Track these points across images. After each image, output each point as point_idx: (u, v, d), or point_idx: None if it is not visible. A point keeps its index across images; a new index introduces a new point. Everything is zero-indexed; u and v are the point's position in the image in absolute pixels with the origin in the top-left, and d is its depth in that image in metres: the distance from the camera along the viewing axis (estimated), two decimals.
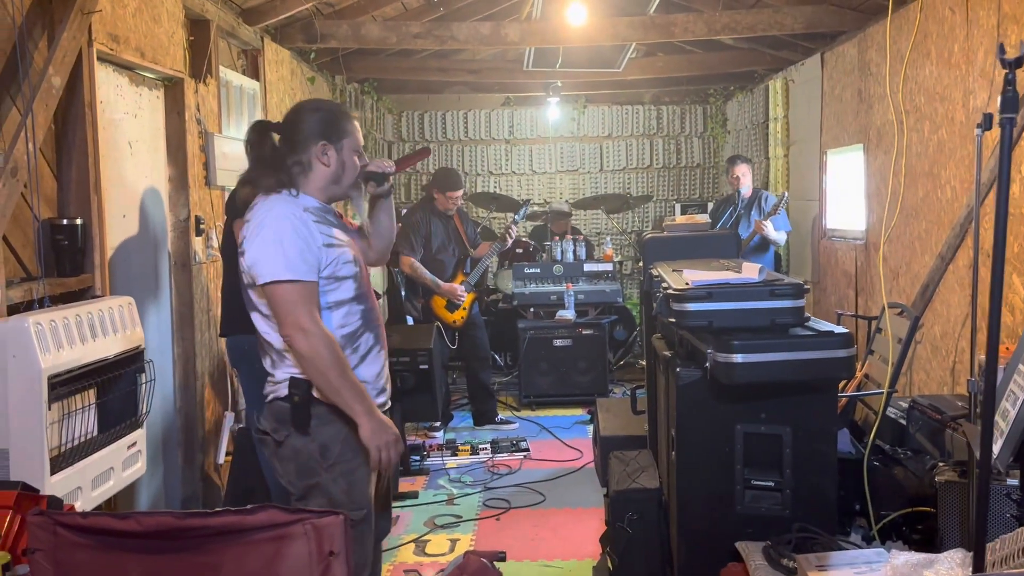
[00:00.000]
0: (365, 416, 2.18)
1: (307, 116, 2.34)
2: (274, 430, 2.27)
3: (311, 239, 2.20)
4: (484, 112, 8.52)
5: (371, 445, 2.19)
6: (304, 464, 2.24)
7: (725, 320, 2.58)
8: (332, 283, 2.25)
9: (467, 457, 5.03)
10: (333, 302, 2.26)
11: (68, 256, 2.92)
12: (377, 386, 2.34)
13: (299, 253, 2.17)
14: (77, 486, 2.61)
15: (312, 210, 2.27)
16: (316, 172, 2.31)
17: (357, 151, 2.35)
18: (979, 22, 3.74)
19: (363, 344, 2.31)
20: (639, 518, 2.99)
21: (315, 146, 2.29)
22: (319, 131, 2.30)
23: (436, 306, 5.49)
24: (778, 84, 6.69)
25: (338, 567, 1.44)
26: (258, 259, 2.18)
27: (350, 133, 2.34)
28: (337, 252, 2.26)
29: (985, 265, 3.58)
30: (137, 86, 3.65)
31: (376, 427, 2.19)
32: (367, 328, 2.33)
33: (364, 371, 2.31)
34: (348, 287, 2.28)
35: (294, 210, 2.22)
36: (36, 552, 1.56)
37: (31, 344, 2.41)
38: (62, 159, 3.02)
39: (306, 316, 2.16)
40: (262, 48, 4.85)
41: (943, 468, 2.75)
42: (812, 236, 6.12)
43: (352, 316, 2.29)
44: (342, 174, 2.33)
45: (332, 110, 2.39)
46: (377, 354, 2.35)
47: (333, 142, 2.30)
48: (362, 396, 2.20)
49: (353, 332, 2.29)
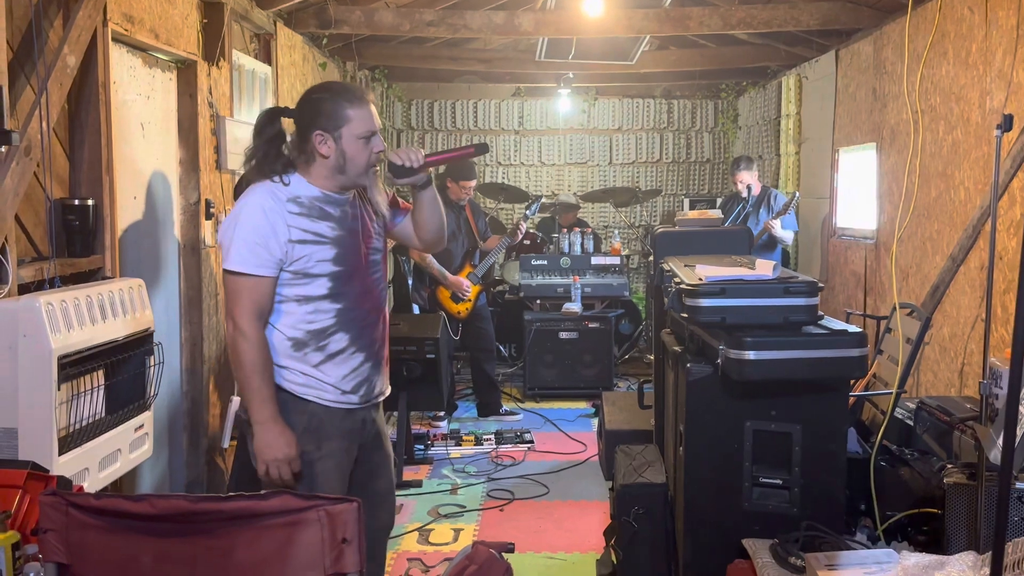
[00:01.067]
0: (259, 425, 2.16)
1: (307, 102, 2.26)
2: (246, 412, 2.24)
3: (274, 234, 2.14)
4: (494, 102, 8.49)
5: (259, 457, 2.17)
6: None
7: (738, 316, 2.56)
8: (301, 278, 2.20)
9: (471, 447, 5.03)
10: (301, 296, 2.21)
11: (79, 237, 2.92)
12: (343, 386, 2.27)
13: (250, 247, 2.13)
14: (85, 467, 2.61)
15: (303, 200, 2.20)
16: (317, 162, 2.23)
17: (363, 137, 2.22)
18: (998, 22, 3.71)
19: (333, 344, 2.24)
20: (645, 512, 2.98)
21: (312, 135, 2.21)
22: (315, 120, 2.21)
23: (441, 296, 5.49)
24: (791, 81, 6.65)
25: (351, 554, 1.44)
26: (222, 245, 2.20)
27: (351, 119, 2.20)
28: (311, 249, 2.19)
29: (998, 267, 3.57)
30: (150, 67, 3.64)
31: (267, 441, 2.15)
32: (341, 328, 2.25)
33: (329, 370, 2.25)
34: (321, 284, 2.22)
35: (266, 201, 2.16)
36: (47, 532, 1.56)
37: (42, 324, 2.41)
38: (75, 139, 3.01)
39: (241, 310, 2.15)
40: (275, 32, 4.84)
41: (951, 470, 2.74)
42: (822, 235, 6.10)
43: (322, 314, 2.23)
44: (344, 164, 2.22)
45: (332, 95, 2.24)
46: (350, 356, 2.27)
47: (330, 131, 2.20)
48: (265, 404, 2.16)
49: (322, 330, 2.23)
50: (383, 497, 2.47)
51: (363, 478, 2.40)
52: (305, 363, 2.24)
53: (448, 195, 5.48)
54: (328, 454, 2.24)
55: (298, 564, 1.46)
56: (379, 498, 2.45)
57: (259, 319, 2.18)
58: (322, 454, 2.24)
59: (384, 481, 2.47)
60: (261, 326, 2.19)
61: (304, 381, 2.24)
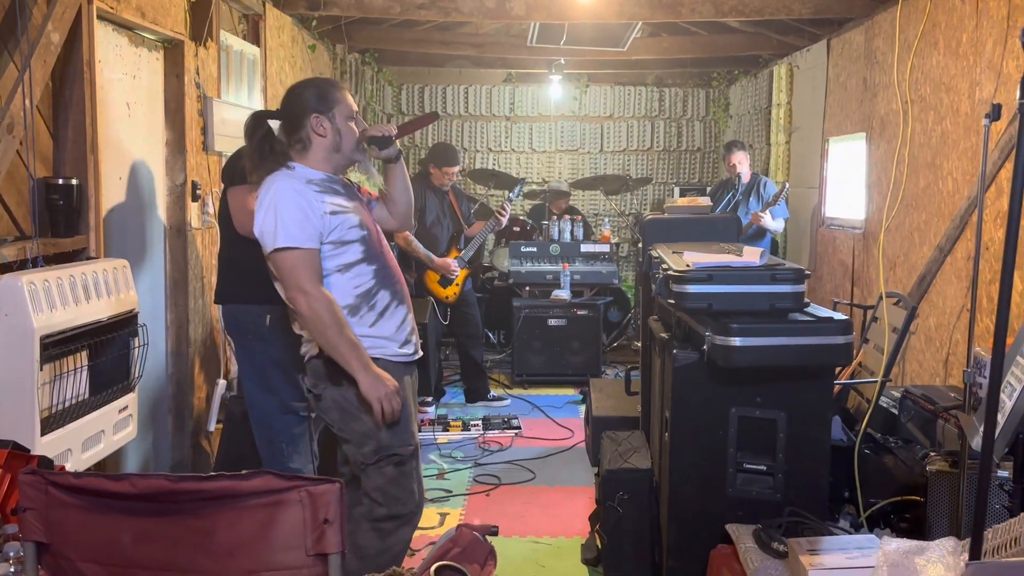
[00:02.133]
0: (361, 372, 2.33)
1: (296, 95, 2.49)
2: (313, 385, 2.46)
3: (311, 208, 2.35)
4: (485, 88, 8.46)
5: (371, 398, 2.33)
6: (346, 411, 2.42)
7: (725, 303, 2.57)
8: (339, 247, 2.39)
9: (458, 433, 5.03)
10: (343, 264, 2.40)
11: (63, 216, 2.89)
12: (398, 339, 2.49)
13: (296, 222, 2.32)
14: (67, 448, 2.60)
15: (316, 182, 2.42)
16: (315, 145, 2.45)
17: (351, 117, 2.48)
18: (989, 13, 3.71)
19: (380, 301, 2.45)
20: (630, 498, 3.00)
21: (309, 120, 2.43)
22: (309, 105, 2.44)
23: (429, 281, 5.47)
24: (783, 70, 6.65)
25: (332, 535, 1.44)
26: (262, 231, 2.35)
27: (340, 101, 2.46)
28: (341, 218, 2.40)
29: (984, 258, 3.58)
30: (137, 47, 3.60)
31: (372, 380, 2.33)
32: (382, 286, 2.46)
33: (384, 326, 2.46)
34: (355, 250, 2.42)
35: (292, 183, 2.37)
36: (27, 511, 1.55)
37: (24, 303, 2.38)
38: (59, 117, 2.98)
39: (306, 279, 2.32)
40: (263, 13, 4.79)
41: (934, 458, 2.76)
42: (811, 224, 6.11)
43: (364, 276, 2.43)
44: (340, 141, 2.46)
45: (318, 83, 2.53)
46: (395, 309, 2.48)
47: (324, 112, 2.44)
48: (358, 353, 2.34)
49: (368, 291, 2.43)
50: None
51: None
52: (363, 325, 2.42)
53: (431, 181, 5.45)
54: (403, 402, 2.44)
55: (280, 544, 1.46)
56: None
57: (321, 283, 2.36)
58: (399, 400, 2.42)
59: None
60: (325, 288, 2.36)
61: (368, 344, 2.41)
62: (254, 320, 3.10)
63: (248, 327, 3.13)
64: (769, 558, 2.32)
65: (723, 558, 2.51)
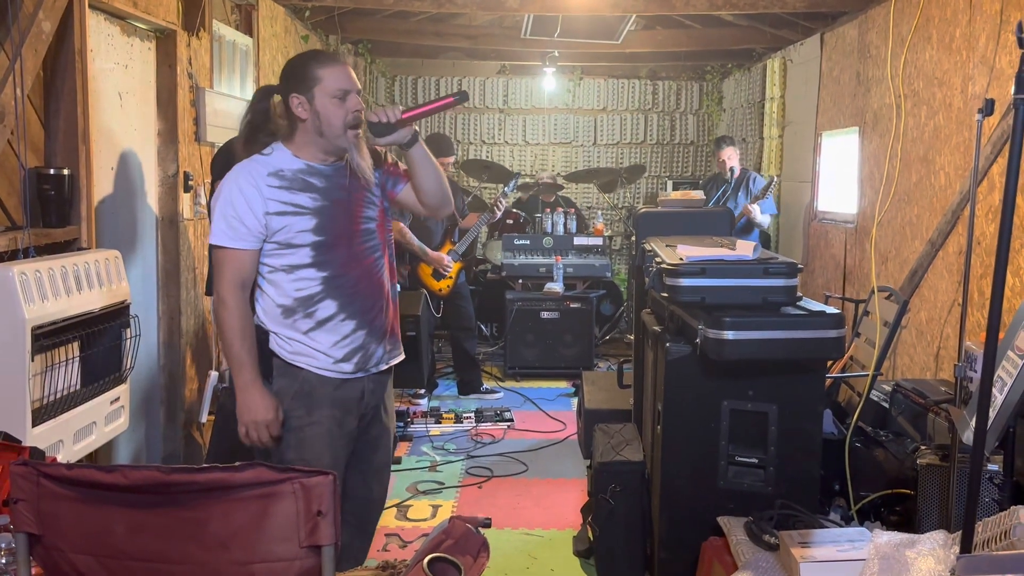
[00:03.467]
0: (241, 390, 2.22)
1: (284, 72, 2.30)
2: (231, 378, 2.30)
3: (250, 207, 2.19)
4: (479, 80, 8.43)
5: (239, 419, 2.24)
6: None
7: (717, 296, 2.58)
8: (284, 248, 2.25)
9: (451, 425, 5.03)
10: (287, 265, 2.26)
11: (54, 206, 2.87)
12: (334, 354, 2.29)
13: (228, 222, 2.20)
14: (59, 439, 2.59)
15: (284, 173, 2.22)
16: (299, 128, 2.25)
17: (336, 96, 2.20)
18: (982, 8, 3.72)
19: (321, 310, 2.26)
20: (622, 490, 3.01)
21: (290, 100, 2.23)
22: (288, 84, 2.25)
23: (423, 274, 5.47)
24: (776, 64, 6.65)
25: (325, 527, 1.44)
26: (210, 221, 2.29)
27: (322, 78, 2.20)
28: (288, 220, 2.22)
29: (975, 252, 3.60)
30: (129, 36, 3.58)
31: (246, 404, 2.22)
32: (328, 295, 2.27)
33: (320, 337, 2.28)
34: (303, 254, 2.24)
35: (244, 176, 2.21)
36: (18, 502, 1.54)
37: (15, 294, 2.37)
38: (50, 107, 2.96)
39: (222, 281, 2.22)
40: (256, 3, 4.76)
41: (924, 451, 2.77)
42: (803, 218, 6.13)
43: (308, 281, 2.26)
44: (320, 124, 2.21)
45: (303, 59, 2.28)
46: (340, 323, 2.28)
47: (303, 92, 2.21)
48: (244, 369, 2.22)
49: (308, 297, 2.26)
50: (378, 470, 2.50)
51: (361, 449, 2.43)
52: (295, 330, 2.28)
53: None
54: (317, 421, 2.27)
55: (272, 536, 1.46)
56: (374, 471, 2.48)
57: (241, 289, 2.24)
58: (311, 420, 2.26)
59: (381, 455, 2.50)
60: (242, 295, 2.24)
61: (295, 348, 2.28)
62: None
63: None
64: (760, 550, 2.34)
65: (714, 550, 2.52)
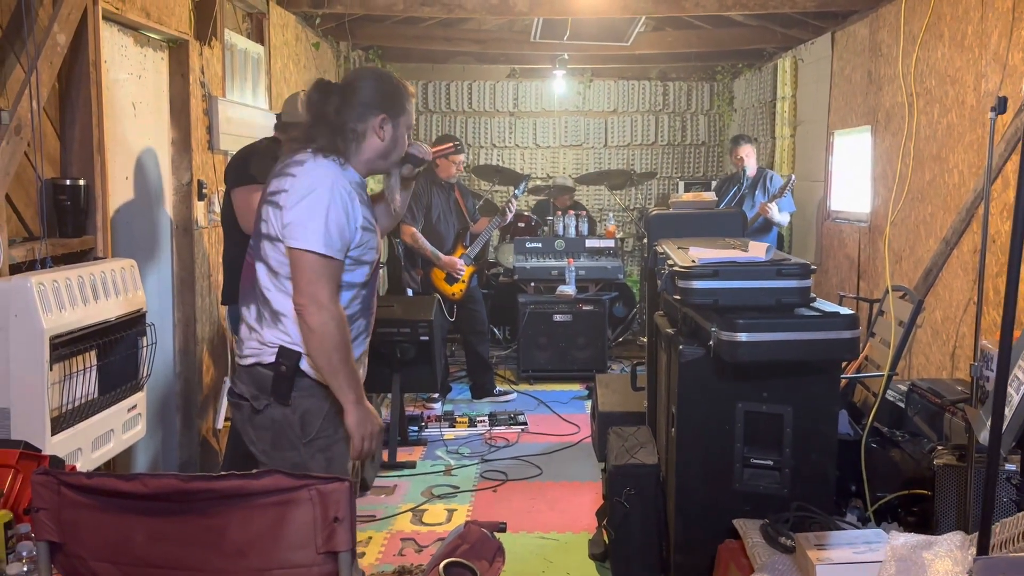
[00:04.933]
0: (354, 404, 2.17)
1: (371, 84, 2.26)
2: (254, 396, 2.21)
3: (351, 218, 2.16)
4: (489, 83, 8.45)
5: (355, 433, 2.18)
6: (281, 435, 2.20)
7: (730, 298, 2.57)
8: (352, 265, 2.22)
9: (465, 429, 5.04)
10: (346, 283, 2.22)
11: (71, 217, 2.90)
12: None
13: (339, 231, 2.13)
14: (77, 447, 2.62)
15: (356, 185, 2.23)
16: (368, 144, 2.24)
17: (410, 129, 2.32)
18: (994, 5, 3.70)
19: (355, 329, 2.28)
20: (637, 493, 3.00)
21: (374, 118, 2.22)
22: (380, 102, 2.23)
23: (435, 278, 5.48)
24: (787, 63, 6.63)
25: (342, 533, 1.45)
26: (298, 221, 2.11)
27: (408, 111, 2.29)
28: (368, 236, 2.23)
29: (990, 250, 3.57)
30: (142, 47, 3.61)
31: (363, 416, 2.18)
32: (362, 315, 2.31)
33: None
34: (363, 272, 2.26)
35: (344, 183, 2.17)
36: (40, 511, 1.56)
37: (33, 304, 2.40)
38: (66, 119, 2.99)
39: (326, 292, 2.12)
40: (267, 12, 4.80)
41: (941, 451, 2.76)
42: (816, 218, 6.10)
43: (356, 301, 2.27)
44: (392, 150, 2.28)
45: (395, 83, 2.31)
46: (363, 340, 2.34)
47: (393, 116, 2.24)
48: (356, 383, 2.19)
49: (351, 316, 2.26)
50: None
51: None
52: None
53: (437, 175, 5.45)
54: (342, 437, 2.28)
55: (290, 543, 1.47)
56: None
57: (339, 298, 2.19)
58: (338, 437, 2.28)
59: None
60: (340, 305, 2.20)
61: None
62: None
63: None
64: (776, 553, 2.33)
65: (730, 553, 2.52)
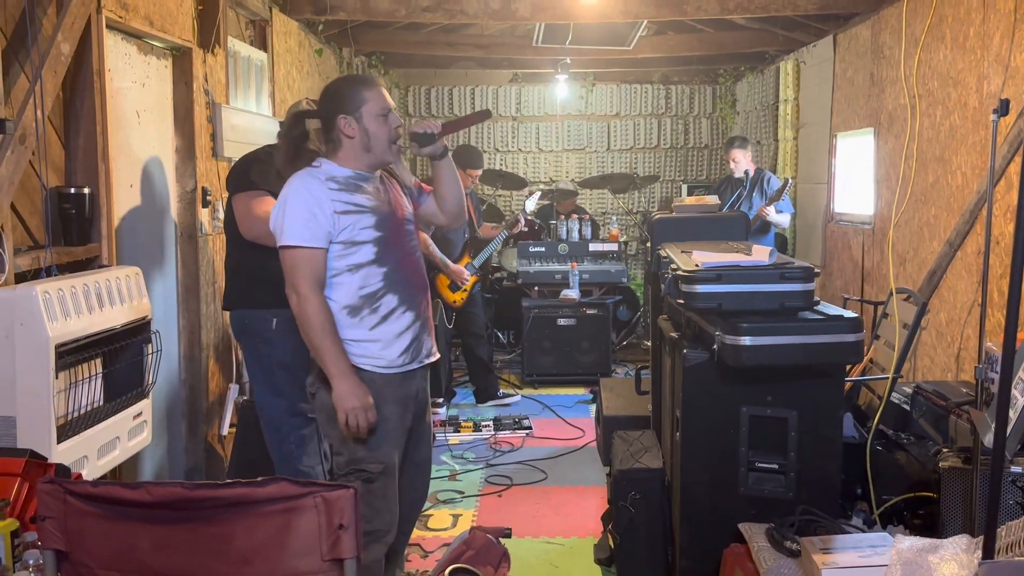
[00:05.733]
0: (337, 378, 2.32)
1: (326, 95, 2.49)
2: (311, 384, 2.46)
3: (319, 207, 2.35)
4: (491, 88, 8.47)
5: (340, 407, 2.32)
6: (332, 415, 2.38)
7: (734, 302, 2.57)
8: (350, 247, 2.39)
9: (469, 434, 5.04)
10: (353, 264, 2.40)
11: (75, 225, 2.91)
12: (397, 346, 2.45)
13: (303, 221, 2.34)
14: (83, 455, 2.62)
15: (339, 179, 2.42)
16: (345, 145, 2.44)
17: (381, 115, 2.44)
18: (996, 6, 3.69)
19: (384, 305, 2.43)
20: (642, 497, 3.00)
21: (337, 120, 2.43)
22: (336, 106, 2.44)
23: (440, 285, 5.49)
24: (789, 65, 6.63)
25: (347, 540, 1.45)
26: (274, 227, 2.39)
27: (368, 100, 2.43)
28: (353, 218, 2.39)
29: (994, 252, 3.57)
30: (145, 55, 3.62)
31: (345, 391, 2.32)
32: (390, 290, 2.44)
33: (383, 330, 2.43)
34: (367, 251, 2.40)
35: (308, 180, 2.39)
36: (46, 520, 1.56)
37: (39, 312, 2.41)
38: (70, 127, 3.00)
39: (300, 278, 2.33)
40: (270, 19, 4.81)
41: (946, 454, 2.75)
42: (821, 220, 6.10)
43: (372, 278, 2.41)
44: (368, 141, 2.44)
45: (347, 82, 2.53)
46: (401, 315, 2.45)
47: (351, 112, 2.42)
48: (339, 359, 2.34)
49: (373, 293, 2.42)
50: (422, 467, 2.66)
51: (408, 447, 2.55)
52: (362, 327, 2.41)
53: None
54: (386, 417, 2.41)
55: (295, 550, 1.47)
56: (418, 468, 2.64)
57: (319, 287, 2.37)
58: (381, 416, 2.41)
59: (424, 450, 2.65)
60: (321, 292, 2.38)
61: (361, 351, 2.42)
62: (261, 324, 3.14)
63: (255, 331, 3.17)
64: (782, 557, 2.33)
65: (736, 557, 2.52)
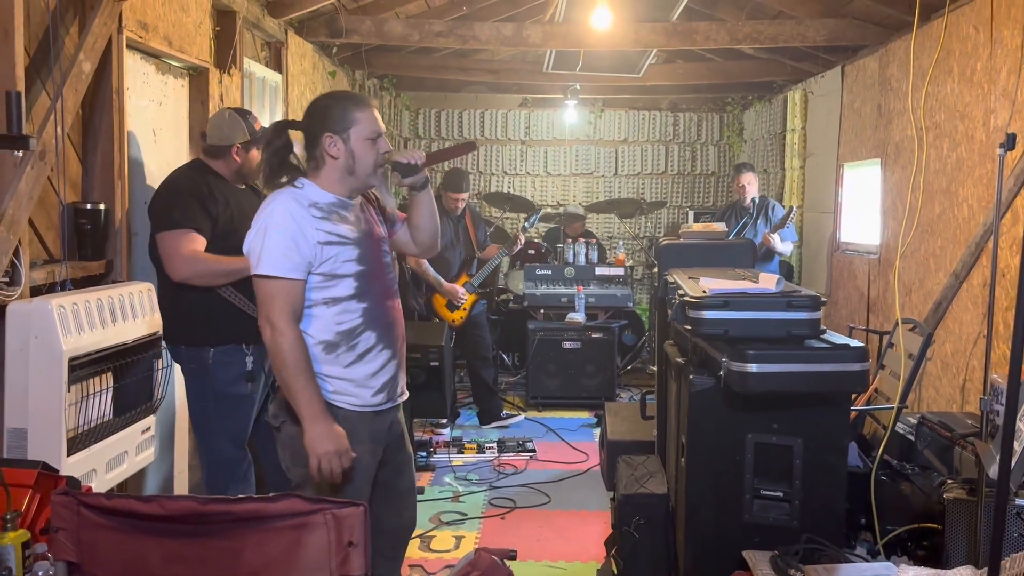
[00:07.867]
0: (309, 421, 2.18)
1: (315, 109, 2.33)
2: (274, 416, 2.31)
3: (302, 236, 2.19)
4: (501, 112, 8.54)
5: (312, 452, 2.18)
6: (298, 451, 2.24)
7: (741, 329, 2.59)
8: (329, 280, 2.24)
9: (473, 455, 5.04)
10: (330, 298, 2.25)
11: (91, 240, 2.95)
12: (372, 385, 2.33)
13: (282, 251, 2.17)
14: (92, 468, 2.64)
15: (321, 205, 2.26)
16: (328, 165, 2.28)
17: (370, 138, 2.29)
18: (1003, 42, 3.74)
19: (362, 343, 2.29)
20: (646, 523, 3.00)
21: (322, 138, 2.27)
22: (324, 123, 2.28)
23: (437, 304, 5.52)
24: (797, 95, 6.69)
25: (356, 557, 1.46)
26: (249, 251, 2.22)
27: (358, 121, 2.27)
28: (336, 250, 2.24)
29: (1000, 284, 3.59)
30: (163, 74, 3.68)
31: (318, 435, 2.18)
32: (368, 327, 2.30)
33: (358, 370, 2.30)
34: (347, 285, 2.26)
35: (290, 205, 2.21)
36: (58, 531, 1.58)
37: (53, 326, 2.44)
38: (88, 144, 3.05)
39: (276, 311, 2.18)
40: (286, 41, 4.89)
41: (951, 485, 2.75)
42: (827, 249, 6.12)
43: (350, 314, 2.28)
44: (353, 164, 2.28)
45: (338, 99, 2.34)
46: (377, 354, 2.33)
47: (338, 132, 2.26)
48: (312, 401, 2.19)
49: (351, 330, 2.28)
50: (405, 496, 2.54)
51: (388, 478, 2.47)
52: (337, 365, 2.28)
53: (443, 204, 5.51)
54: (358, 456, 2.29)
55: (305, 566, 1.49)
56: (402, 497, 2.52)
57: (295, 320, 2.22)
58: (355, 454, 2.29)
59: (407, 480, 2.54)
60: (297, 326, 2.23)
61: (336, 387, 2.29)
62: (196, 357, 3.05)
63: (192, 363, 3.09)
64: None
65: None
